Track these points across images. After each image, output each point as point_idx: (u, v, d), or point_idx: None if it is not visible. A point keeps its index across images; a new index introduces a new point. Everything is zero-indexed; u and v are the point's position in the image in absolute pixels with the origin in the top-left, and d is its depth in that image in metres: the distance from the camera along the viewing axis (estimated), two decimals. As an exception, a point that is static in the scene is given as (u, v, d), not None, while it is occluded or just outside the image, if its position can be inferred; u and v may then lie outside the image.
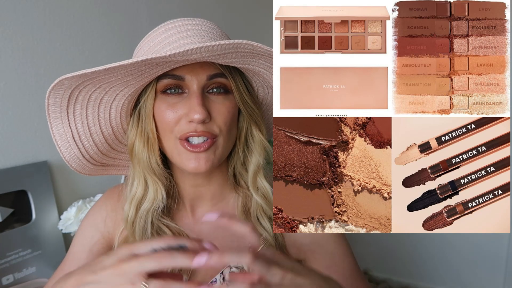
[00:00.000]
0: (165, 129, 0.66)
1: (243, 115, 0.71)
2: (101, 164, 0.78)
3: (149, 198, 0.69)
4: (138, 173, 0.69)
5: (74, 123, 0.69)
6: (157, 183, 0.69)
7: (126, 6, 1.44)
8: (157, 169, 0.69)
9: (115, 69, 0.58)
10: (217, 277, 0.69)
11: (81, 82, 0.62)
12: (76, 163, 0.73)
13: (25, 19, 1.17)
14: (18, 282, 1.13)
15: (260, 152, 0.70)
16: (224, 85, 0.66)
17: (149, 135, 0.68)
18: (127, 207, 0.70)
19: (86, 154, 0.73)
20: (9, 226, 1.14)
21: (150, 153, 0.68)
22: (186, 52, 0.55)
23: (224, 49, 0.56)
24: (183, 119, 0.64)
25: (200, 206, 0.74)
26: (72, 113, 0.68)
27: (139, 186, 0.69)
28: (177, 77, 0.64)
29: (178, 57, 0.56)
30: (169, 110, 0.65)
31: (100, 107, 0.69)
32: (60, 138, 0.69)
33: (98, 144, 0.73)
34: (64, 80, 0.60)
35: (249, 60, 0.62)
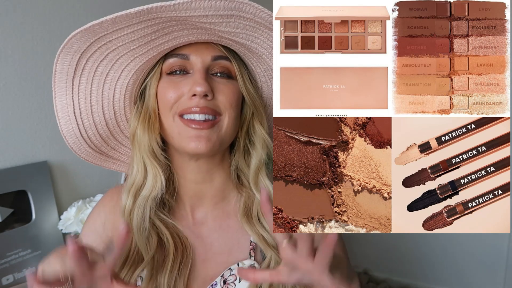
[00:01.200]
0: (165, 106, 0.66)
1: (246, 104, 0.70)
2: (100, 151, 0.76)
3: (148, 185, 0.68)
4: (138, 159, 0.68)
5: (77, 97, 0.68)
6: (156, 168, 0.68)
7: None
8: (157, 150, 0.68)
9: (122, 20, 0.57)
10: (218, 280, 0.68)
11: (89, 44, 0.61)
12: (72, 141, 0.72)
13: (25, 19, 1.17)
14: (18, 282, 1.13)
15: (262, 146, 0.70)
16: (228, 70, 0.67)
17: (150, 114, 0.67)
18: (125, 197, 0.69)
19: (84, 133, 0.71)
20: (9, 226, 1.14)
21: (150, 134, 0.67)
22: (189, 5, 0.54)
23: (226, 8, 0.56)
24: (185, 95, 0.64)
25: (200, 206, 0.73)
26: (77, 85, 0.67)
27: (138, 173, 0.68)
28: (182, 55, 0.65)
29: (181, 9, 0.55)
30: (171, 87, 0.65)
31: (105, 83, 0.68)
32: (61, 110, 0.69)
33: (98, 125, 0.72)
34: (74, 40, 0.60)
35: (252, 35, 0.62)
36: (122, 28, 0.59)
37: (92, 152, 0.76)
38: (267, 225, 0.69)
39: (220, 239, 0.71)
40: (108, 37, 0.60)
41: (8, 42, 1.14)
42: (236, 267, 0.68)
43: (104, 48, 0.62)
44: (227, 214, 0.73)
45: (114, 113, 0.72)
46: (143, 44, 0.62)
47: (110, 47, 0.62)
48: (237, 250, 0.70)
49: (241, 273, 0.61)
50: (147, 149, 0.68)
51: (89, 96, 0.69)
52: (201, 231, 0.72)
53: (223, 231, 0.72)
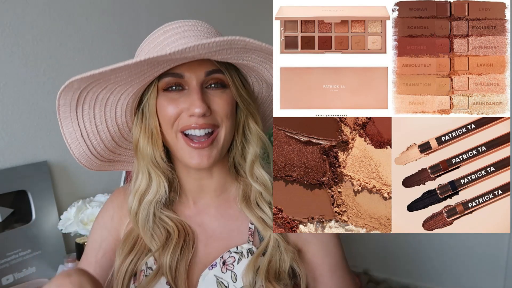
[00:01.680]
0: (167, 123, 0.70)
1: (240, 109, 0.74)
2: (108, 160, 0.81)
3: (152, 191, 0.73)
4: (142, 167, 0.73)
5: (82, 122, 0.73)
6: (160, 176, 0.73)
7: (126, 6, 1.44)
8: (161, 163, 0.73)
9: (120, 69, 0.61)
10: (217, 260, 0.71)
11: (89, 83, 0.65)
12: (85, 159, 0.77)
13: (25, 19, 1.17)
14: (18, 282, 1.13)
15: (256, 143, 0.74)
16: (221, 80, 0.70)
17: (153, 131, 0.72)
18: (131, 199, 0.74)
19: (94, 151, 0.77)
20: (9, 226, 1.14)
21: (154, 148, 0.72)
22: (184, 50, 0.58)
23: (219, 45, 0.59)
24: (184, 113, 0.68)
25: (202, 198, 0.77)
26: (81, 112, 0.71)
27: (143, 180, 0.73)
28: (177, 75, 0.67)
29: (177, 55, 0.59)
30: (170, 105, 0.69)
31: (106, 106, 0.72)
32: (70, 136, 0.73)
33: (105, 141, 0.77)
34: (74, 82, 0.64)
35: (243, 56, 0.65)
36: (120, 71, 0.63)
37: (102, 163, 0.81)
38: (265, 208, 0.73)
39: (221, 226, 0.76)
40: (107, 77, 0.65)
41: (8, 42, 1.14)
42: (235, 249, 0.72)
43: (103, 82, 0.66)
44: (227, 203, 0.77)
45: (118, 127, 0.77)
46: (140, 76, 0.66)
47: (109, 81, 0.66)
48: (236, 236, 0.74)
49: None
50: (150, 160, 0.73)
51: (93, 119, 0.73)
52: (203, 220, 0.76)
53: (223, 219, 0.76)
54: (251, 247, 0.72)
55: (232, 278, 0.70)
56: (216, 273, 0.70)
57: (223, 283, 0.69)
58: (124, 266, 0.72)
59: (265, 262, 0.69)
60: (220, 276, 0.70)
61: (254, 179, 0.73)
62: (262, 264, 0.69)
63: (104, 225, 0.80)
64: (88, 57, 1.34)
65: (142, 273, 0.72)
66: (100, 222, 0.81)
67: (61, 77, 1.26)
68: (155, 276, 0.70)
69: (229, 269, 0.70)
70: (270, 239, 0.71)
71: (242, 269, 0.70)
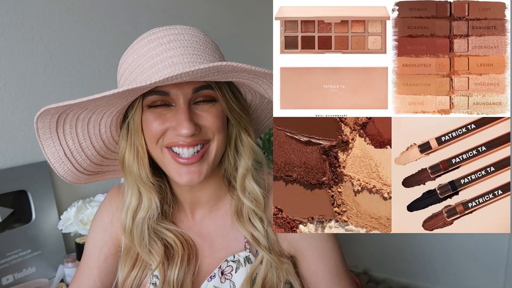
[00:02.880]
0: (151, 139, 0.66)
1: (231, 123, 0.71)
2: (95, 172, 0.79)
3: (143, 207, 0.70)
4: (131, 183, 0.70)
5: (65, 141, 0.69)
6: (150, 192, 0.70)
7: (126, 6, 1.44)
8: (147, 182, 0.69)
9: (98, 99, 0.59)
10: (216, 271, 0.71)
11: (66, 108, 0.62)
12: (70, 177, 0.74)
13: (25, 19, 1.17)
14: (18, 282, 1.13)
15: (249, 156, 0.71)
16: (210, 96, 0.66)
17: (138, 149, 0.68)
18: (124, 216, 0.72)
19: (80, 167, 0.73)
20: (9, 226, 1.14)
21: (140, 166, 0.69)
22: (167, 80, 0.55)
23: (205, 71, 0.56)
24: (170, 131, 0.64)
25: (198, 209, 0.76)
26: (62, 132, 0.68)
27: (133, 196, 0.70)
28: (162, 92, 0.63)
29: (159, 84, 0.57)
30: (156, 121, 0.65)
31: (89, 124, 0.69)
32: (52, 156, 0.70)
33: (91, 157, 0.73)
34: (50, 109, 0.60)
35: (232, 75, 0.62)
36: (99, 101, 0.61)
37: (90, 177, 0.78)
38: (257, 224, 0.71)
39: (219, 236, 0.74)
40: (84, 106, 0.62)
41: (8, 42, 1.14)
42: (232, 258, 0.71)
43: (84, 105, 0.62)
44: (223, 213, 0.76)
45: (103, 142, 0.73)
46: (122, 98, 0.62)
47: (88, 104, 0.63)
48: (234, 244, 0.73)
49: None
50: (137, 177, 0.69)
51: (76, 137, 0.70)
52: (201, 230, 0.75)
53: (220, 229, 0.75)
54: (248, 255, 0.71)
55: (231, 287, 0.69)
56: (215, 283, 0.69)
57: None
58: (128, 282, 0.71)
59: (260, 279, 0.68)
60: (219, 287, 0.69)
61: (246, 195, 0.71)
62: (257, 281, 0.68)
63: (104, 228, 0.78)
64: (89, 57, 1.34)
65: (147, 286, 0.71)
66: (99, 225, 0.79)
67: (61, 77, 1.26)
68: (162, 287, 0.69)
69: (228, 278, 0.70)
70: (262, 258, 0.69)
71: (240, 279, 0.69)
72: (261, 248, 0.69)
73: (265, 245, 0.69)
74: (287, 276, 0.70)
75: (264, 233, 0.70)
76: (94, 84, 1.36)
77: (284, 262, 0.70)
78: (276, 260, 0.68)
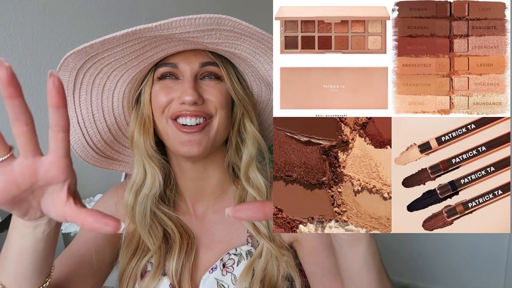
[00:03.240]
0: (158, 109, 0.70)
1: (236, 105, 0.74)
2: (105, 155, 0.81)
3: (147, 184, 0.73)
4: (137, 160, 0.73)
5: (79, 108, 0.73)
6: (154, 169, 0.73)
7: (126, 6, 1.44)
8: (151, 151, 0.72)
9: (110, 42, 0.61)
10: (217, 263, 0.71)
11: (84, 62, 0.66)
12: (80, 149, 0.76)
13: (25, 19, 1.17)
14: (18, 282, 1.12)
15: (252, 143, 0.73)
16: (216, 73, 0.70)
17: (145, 120, 0.72)
18: (127, 194, 0.75)
19: (90, 140, 0.76)
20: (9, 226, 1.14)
21: (145, 136, 0.72)
22: (171, 25, 0.58)
23: (206, 24, 0.59)
24: (175, 101, 0.68)
25: (201, 201, 0.78)
26: (78, 98, 0.72)
27: (138, 173, 0.74)
28: (171, 64, 0.69)
29: (164, 29, 0.59)
30: (162, 92, 0.69)
31: (103, 93, 0.72)
32: None
33: (102, 132, 0.77)
34: (69, 59, 0.65)
35: (235, 43, 0.65)
36: (111, 48, 0.64)
37: (99, 157, 0.81)
38: None
39: (221, 230, 0.76)
40: (100, 55, 0.65)
41: (8, 42, 1.14)
42: (234, 251, 0.72)
43: (98, 64, 0.67)
44: (226, 206, 0.76)
45: (115, 119, 0.76)
46: (134, 58, 0.66)
47: (104, 63, 0.67)
48: (235, 238, 0.75)
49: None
50: (143, 151, 0.72)
51: (90, 106, 0.73)
52: (203, 223, 0.77)
53: (222, 223, 0.76)
54: (250, 249, 0.73)
55: (232, 280, 0.70)
56: (216, 276, 0.70)
57: (223, 285, 0.70)
58: (128, 270, 0.73)
59: (260, 270, 0.69)
60: (220, 279, 0.70)
61: (249, 183, 0.73)
62: (257, 272, 0.69)
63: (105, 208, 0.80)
64: (88, 57, 1.34)
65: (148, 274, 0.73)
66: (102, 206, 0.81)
67: (61, 77, 1.26)
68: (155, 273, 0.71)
69: (229, 271, 0.71)
70: (263, 247, 0.71)
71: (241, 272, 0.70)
72: (261, 236, 0.70)
73: (265, 234, 0.71)
74: (287, 268, 0.70)
75: (265, 222, 0.71)
76: (94, 84, 1.36)
77: (285, 254, 0.71)
78: (276, 250, 0.69)
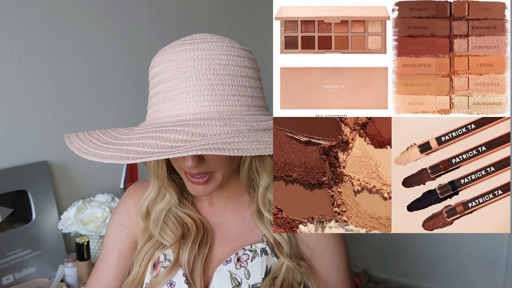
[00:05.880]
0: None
1: None
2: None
3: (164, 201, 0.75)
4: (153, 181, 0.75)
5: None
6: (170, 191, 0.75)
7: (126, 6, 1.44)
8: (166, 180, 0.74)
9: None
10: (232, 257, 0.73)
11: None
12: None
13: (25, 19, 1.17)
14: (18, 282, 1.13)
15: (269, 173, 0.71)
16: None
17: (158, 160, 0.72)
18: (143, 200, 0.77)
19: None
20: (9, 226, 1.14)
21: (159, 167, 0.73)
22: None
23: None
24: (179, 161, 0.67)
25: (217, 200, 0.79)
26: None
27: (154, 188, 0.76)
28: None
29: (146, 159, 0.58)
30: None
31: None
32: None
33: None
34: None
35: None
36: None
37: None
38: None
39: (235, 228, 0.77)
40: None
41: (8, 42, 1.14)
42: (249, 248, 0.73)
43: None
44: (242, 206, 0.77)
45: None
46: None
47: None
48: (250, 236, 0.76)
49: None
50: (159, 178, 0.74)
51: None
52: (219, 220, 0.78)
53: (238, 221, 0.77)
54: (264, 247, 0.73)
55: (245, 275, 0.71)
56: (230, 268, 0.71)
57: (236, 278, 0.70)
58: (144, 250, 0.76)
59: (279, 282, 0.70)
60: (234, 272, 0.71)
61: (266, 209, 0.72)
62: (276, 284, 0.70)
63: (121, 222, 0.81)
64: (89, 57, 1.34)
65: (161, 264, 0.74)
66: (117, 221, 0.82)
67: (61, 77, 1.26)
68: (173, 267, 0.72)
69: (243, 266, 0.72)
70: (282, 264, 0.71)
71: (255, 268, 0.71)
72: (284, 256, 0.71)
73: (287, 253, 0.71)
74: (304, 278, 0.72)
75: (287, 240, 0.72)
76: (94, 84, 1.36)
77: (302, 265, 0.71)
78: (296, 266, 0.70)
